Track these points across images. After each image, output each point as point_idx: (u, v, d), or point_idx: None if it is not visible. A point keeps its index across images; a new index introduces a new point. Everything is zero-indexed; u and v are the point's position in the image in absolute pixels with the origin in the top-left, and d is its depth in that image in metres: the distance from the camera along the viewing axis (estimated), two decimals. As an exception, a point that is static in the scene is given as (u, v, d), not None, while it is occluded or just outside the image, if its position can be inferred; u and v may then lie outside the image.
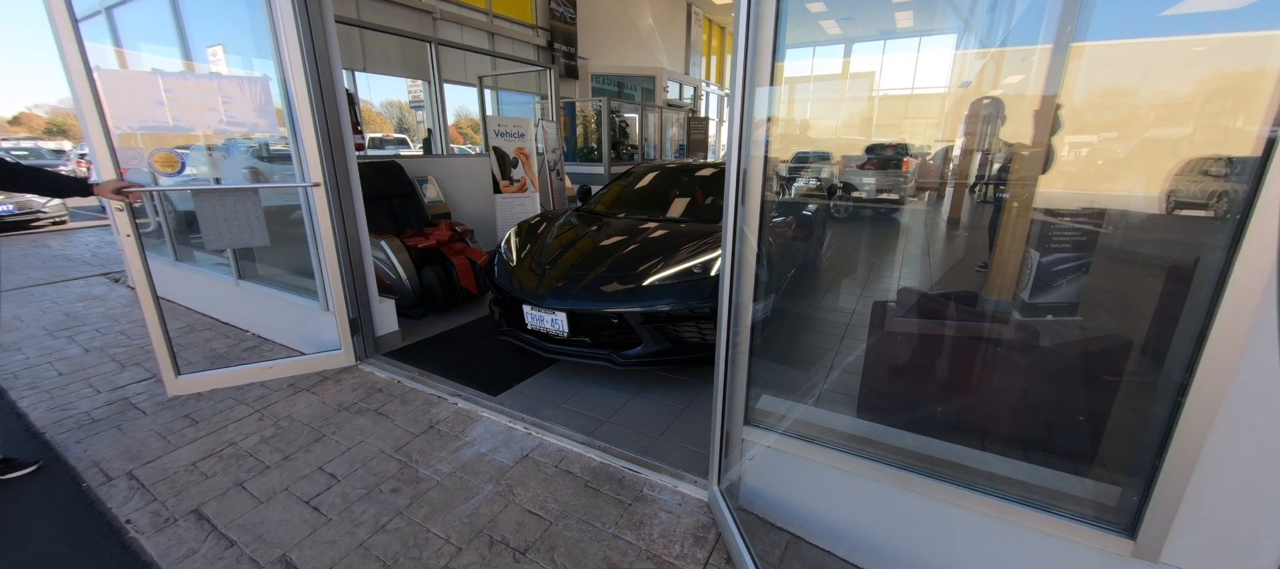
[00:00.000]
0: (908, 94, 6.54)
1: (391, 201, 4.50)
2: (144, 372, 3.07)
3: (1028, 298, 2.10)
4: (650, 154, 10.91)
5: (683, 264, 2.70)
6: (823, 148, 7.97)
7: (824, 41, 9.49)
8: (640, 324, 2.57)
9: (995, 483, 1.51)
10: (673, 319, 2.58)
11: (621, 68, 12.32)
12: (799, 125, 7.04)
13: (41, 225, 8.41)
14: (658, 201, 3.80)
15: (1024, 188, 2.39)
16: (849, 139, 7.41)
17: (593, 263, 2.85)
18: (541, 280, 2.81)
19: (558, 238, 3.29)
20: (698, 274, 2.65)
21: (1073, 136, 2.36)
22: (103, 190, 2.20)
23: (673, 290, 2.58)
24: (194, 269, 4.10)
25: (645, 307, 2.54)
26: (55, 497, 2.07)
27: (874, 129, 7.51)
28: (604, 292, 2.64)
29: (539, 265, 2.97)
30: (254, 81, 2.57)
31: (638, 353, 2.61)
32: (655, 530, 1.82)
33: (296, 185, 2.73)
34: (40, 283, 5.05)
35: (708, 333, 2.61)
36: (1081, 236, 2.05)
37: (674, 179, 4.08)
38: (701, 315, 2.60)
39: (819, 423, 1.84)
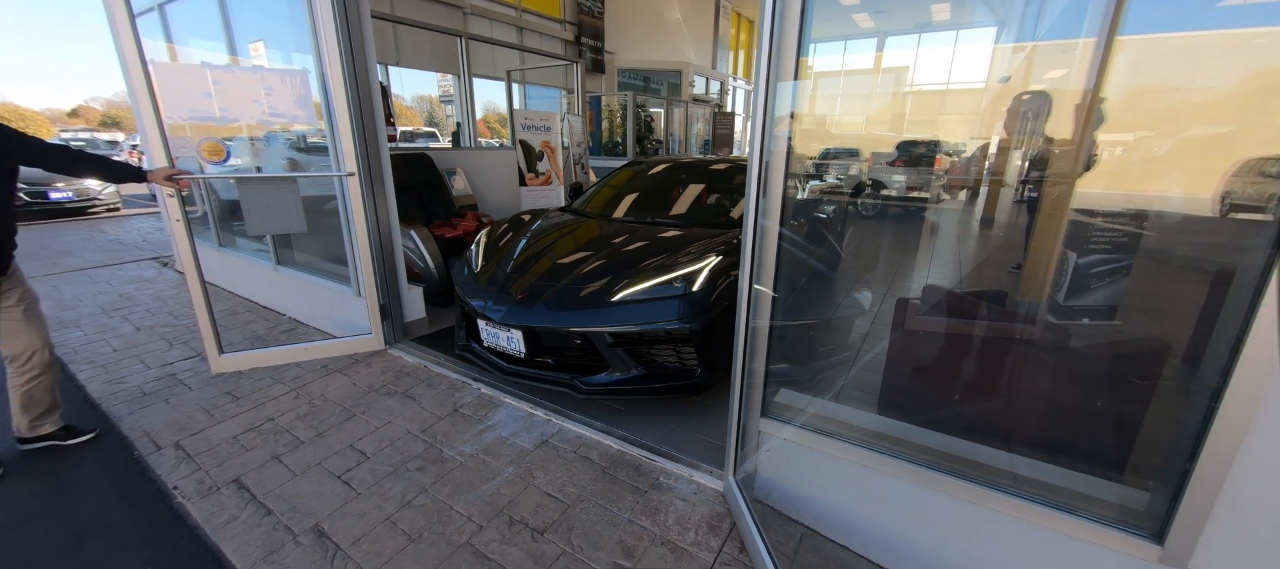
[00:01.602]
0: (942, 89, 6.36)
1: (421, 192, 4.62)
2: (190, 350, 3.25)
3: (1063, 300, 2.05)
4: (675, 149, 10.88)
5: (662, 276, 2.35)
6: (852, 144, 7.83)
7: (856, 35, 9.28)
8: (607, 347, 2.26)
9: (1017, 483, 1.49)
10: (646, 341, 2.25)
11: (648, 62, 12.31)
12: (827, 121, 6.93)
13: (97, 211, 8.90)
14: (654, 202, 3.51)
15: (1061, 186, 2.32)
16: (879, 135, 7.26)
17: (561, 273, 2.52)
18: (499, 292, 2.50)
19: (529, 244, 2.93)
20: (679, 288, 2.29)
21: (1115, 134, 2.27)
22: (155, 177, 2.34)
23: (648, 307, 2.25)
24: (236, 254, 4.30)
25: (613, 326, 2.24)
26: (110, 463, 2.22)
27: (906, 125, 7.35)
28: (567, 307, 2.34)
29: (500, 275, 2.65)
30: (294, 74, 2.68)
31: (604, 380, 2.30)
32: (670, 518, 1.85)
33: (332, 175, 2.84)
34: (97, 265, 5.37)
35: (688, 358, 2.27)
36: (1122, 238, 1.98)
37: (676, 177, 3.76)
38: (679, 337, 2.22)
39: (836, 417, 1.83)
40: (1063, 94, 2.61)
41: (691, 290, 2.26)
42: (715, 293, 2.29)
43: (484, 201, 5.75)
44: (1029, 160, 2.81)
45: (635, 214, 3.36)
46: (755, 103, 1.58)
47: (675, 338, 2.23)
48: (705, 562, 1.67)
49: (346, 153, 2.73)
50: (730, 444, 1.87)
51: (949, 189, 6.04)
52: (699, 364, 2.26)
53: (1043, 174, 2.67)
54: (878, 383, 2.04)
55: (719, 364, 2.29)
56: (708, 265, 2.37)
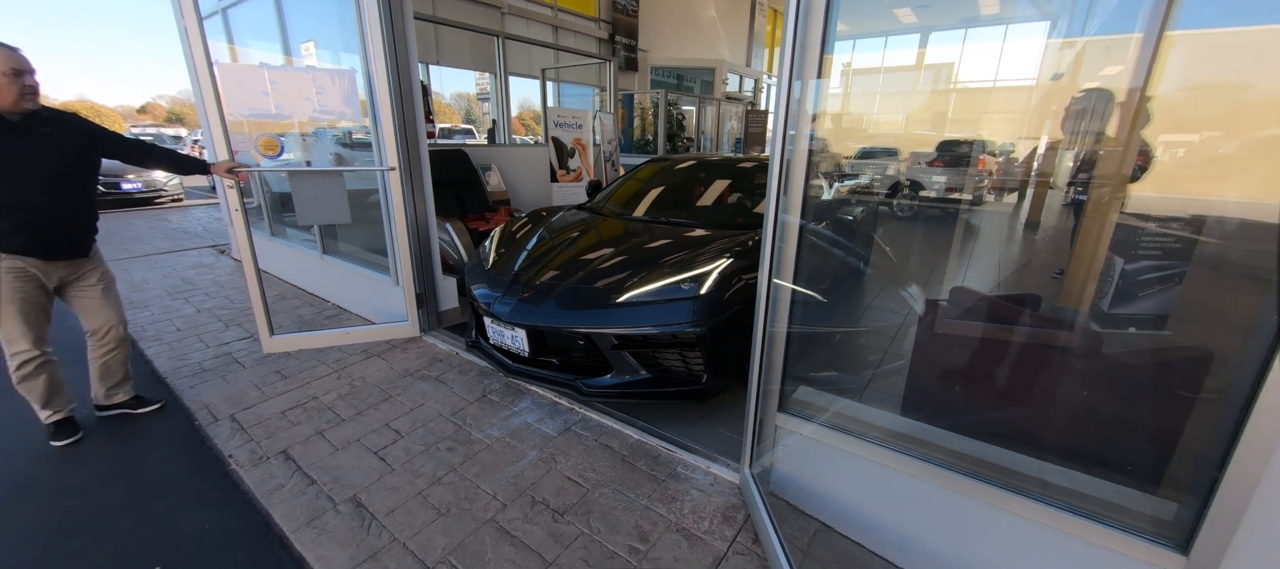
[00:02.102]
0: (989, 87, 6.13)
1: (457, 187, 4.79)
2: (243, 331, 3.49)
3: (1107, 307, 1.98)
4: (706, 147, 10.85)
5: (670, 278, 2.29)
6: (890, 143, 7.64)
7: (897, 31, 9.02)
8: (611, 349, 2.21)
9: (1038, 487, 1.47)
10: (651, 344, 2.20)
11: (681, 60, 12.30)
12: (864, 120, 6.78)
13: (163, 202, 9.55)
14: (671, 201, 3.46)
15: (1107, 188, 2.24)
16: (919, 134, 7.07)
17: (568, 272, 2.48)
18: (506, 290, 2.50)
19: (540, 242, 2.91)
20: (688, 290, 2.22)
21: (1173, 135, 2.18)
22: (218, 169, 2.53)
23: (654, 309, 2.20)
24: (285, 243, 4.57)
25: (617, 328, 2.19)
26: (174, 431, 2.42)
27: (948, 124, 7.12)
28: (572, 306, 2.31)
29: (508, 272, 2.63)
30: (343, 74, 2.85)
31: (607, 382, 2.26)
32: (686, 506, 1.90)
33: (376, 169, 3.00)
34: (162, 251, 5.79)
35: (694, 363, 2.21)
36: (1175, 243, 1.91)
37: (695, 175, 3.71)
38: (685, 342, 2.16)
39: (856, 416, 1.84)
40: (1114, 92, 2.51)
41: (700, 293, 2.20)
42: (726, 296, 2.23)
43: (517, 197, 5.91)
44: (1079, 161, 2.70)
45: (650, 213, 3.31)
46: (777, 100, 1.61)
47: (681, 342, 2.16)
48: (718, 550, 1.71)
49: (388, 148, 2.88)
50: (747, 438, 1.90)
51: (992, 191, 5.83)
52: (706, 370, 2.21)
53: (1090, 175, 2.57)
54: (900, 383, 2.03)
55: (728, 370, 2.26)
56: (718, 267, 2.30)
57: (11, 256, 2.03)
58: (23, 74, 1.91)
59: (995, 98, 5.82)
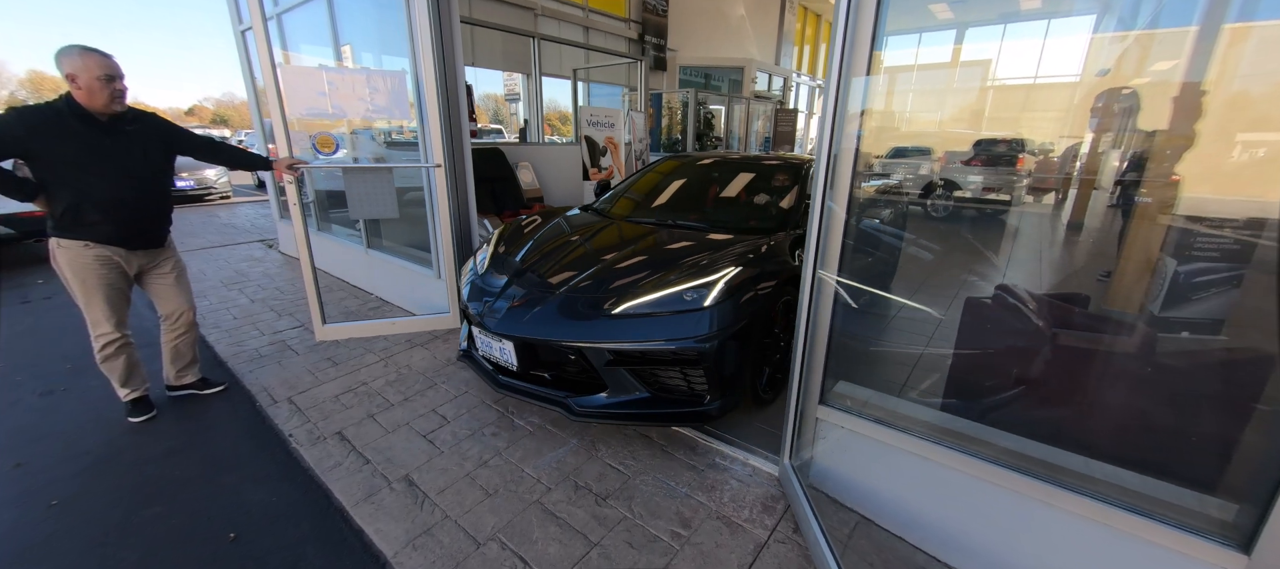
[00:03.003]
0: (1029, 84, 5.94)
1: (493, 185, 4.92)
2: (295, 320, 3.66)
3: (1158, 311, 1.94)
4: (734, 146, 10.82)
5: (673, 287, 2.07)
6: (924, 143, 7.48)
7: (932, 27, 8.81)
8: (604, 365, 2.01)
9: (1090, 485, 1.46)
10: (649, 361, 2.00)
11: (710, 59, 12.27)
12: (897, 119, 6.65)
13: (213, 199, 10.03)
14: (681, 202, 3.28)
15: (1159, 188, 2.18)
16: (955, 133, 6.90)
17: (563, 280, 2.30)
18: (496, 298, 2.31)
19: (536, 246, 2.69)
20: (691, 301, 2.00)
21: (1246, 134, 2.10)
22: (280, 165, 2.68)
23: (653, 322, 2.00)
24: (332, 238, 4.77)
25: (612, 342, 1.99)
26: (238, 411, 2.57)
27: (985, 122, 6.93)
28: (563, 318, 2.10)
29: (500, 279, 2.45)
30: (394, 75, 2.97)
31: (601, 402, 2.06)
32: (725, 495, 1.93)
33: (423, 166, 3.12)
34: (216, 245, 6.10)
35: (697, 382, 2.02)
36: (1234, 245, 1.85)
37: (710, 175, 3.50)
38: (687, 359, 1.95)
39: (897, 410, 1.84)
40: (1166, 88, 2.43)
41: (705, 305, 1.99)
42: (734, 308, 2.04)
43: (549, 195, 6.02)
44: (1126, 160, 2.63)
45: (657, 215, 3.09)
46: (826, 98, 1.63)
47: (682, 359, 1.97)
48: (759, 538, 1.74)
49: (435, 146, 2.99)
50: (788, 428, 1.92)
51: (1033, 191, 5.66)
52: (710, 391, 2.03)
53: (1140, 175, 2.50)
54: (941, 380, 2.02)
55: (736, 389, 2.10)
56: (725, 277, 2.09)
57: (99, 246, 2.19)
58: (114, 79, 2.07)
59: (1035, 95, 5.63)
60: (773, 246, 2.44)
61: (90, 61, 2.01)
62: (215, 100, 63.48)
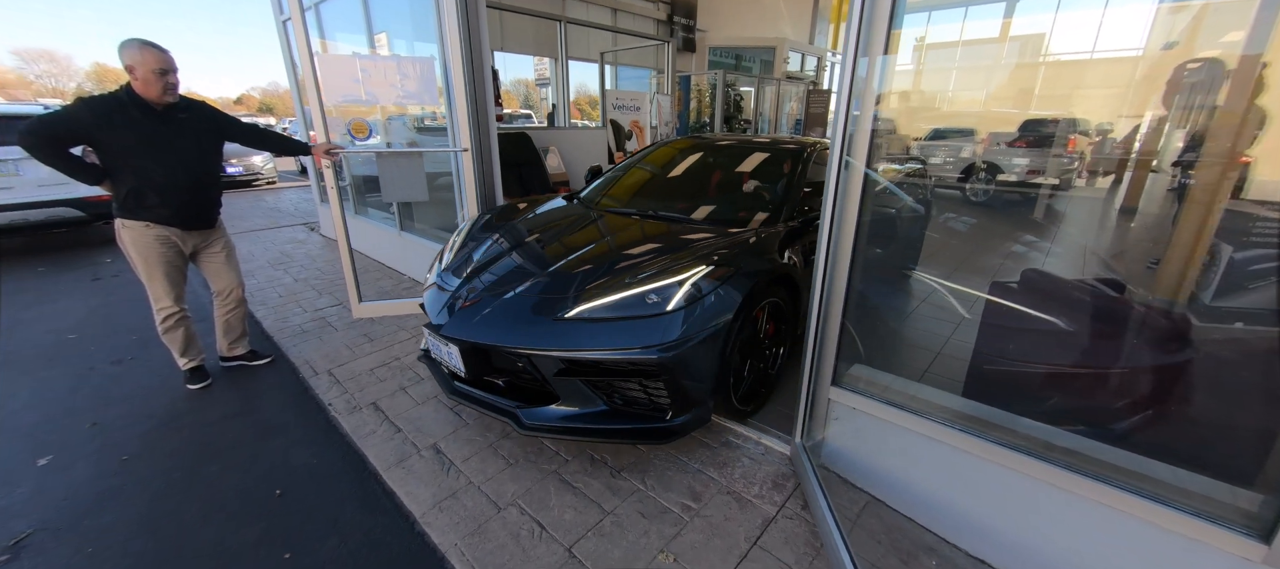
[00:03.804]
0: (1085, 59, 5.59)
1: (520, 169, 5.02)
2: (333, 299, 3.87)
3: (1209, 300, 1.86)
4: (764, 129, 10.62)
5: (634, 289, 1.87)
6: (967, 124, 7.17)
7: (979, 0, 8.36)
8: (555, 375, 1.83)
9: (1109, 472, 1.43)
10: (603, 371, 1.81)
11: (741, 39, 12.01)
12: (938, 98, 6.38)
13: (260, 184, 10.54)
14: (672, 190, 3.03)
15: (1215, 169, 2.07)
16: (1000, 113, 6.58)
17: (520, 278, 2.10)
18: (448, 297, 2.13)
19: (499, 240, 2.51)
20: (653, 304, 1.81)
21: None
22: (318, 151, 2.83)
23: (610, 327, 1.79)
24: (368, 221, 4.97)
25: (563, 349, 1.78)
26: (283, 382, 2.76)
27: (1035, 101, 6.58)
28: (513, 321, 1.90)
29: (455, 277, 2.27)
30: (422, 61, 3.07)
31: (552, 415, 1.88)
32: (737, 472, 1.98)
33: (451, 150, 3.22)
34: (262, 228, 6.44)
35: (657, 395, 1.83)
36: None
37: (708, 161, 3.23)
38: (644, 370, 1.76)
39: (910, 392, 1.84)
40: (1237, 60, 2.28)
41: (666, 310, 1.80)
42: (701, 312, 1.83)
43: (576, 179, 6.09)
44: (1187, 141, 2.48)
45: (639, 206, 2.84)
46: (840, 79, 1.61)
47: (639, 370, 1.77)
48: (768, 513, 1.78)
49: (463, 130, 3.09)
50: (800, 409, 1.94)
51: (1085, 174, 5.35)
52: (671, 404, 1.83)
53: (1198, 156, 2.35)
54: (955, 363, 2.00)
55: (700, 402, 1.90)
56: (691, 277, 1.88)
57: (158, 226, 2.38)
58: (167, 73, 2.22)
59: (1092, 71, 5.29)
60: (759, 241, 2.25)
61: (147, 56, 2.16)
62: (261, 89, 66.20)
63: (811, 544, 1.66)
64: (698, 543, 1.67)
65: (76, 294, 4.14)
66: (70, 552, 1.69)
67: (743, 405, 2.21)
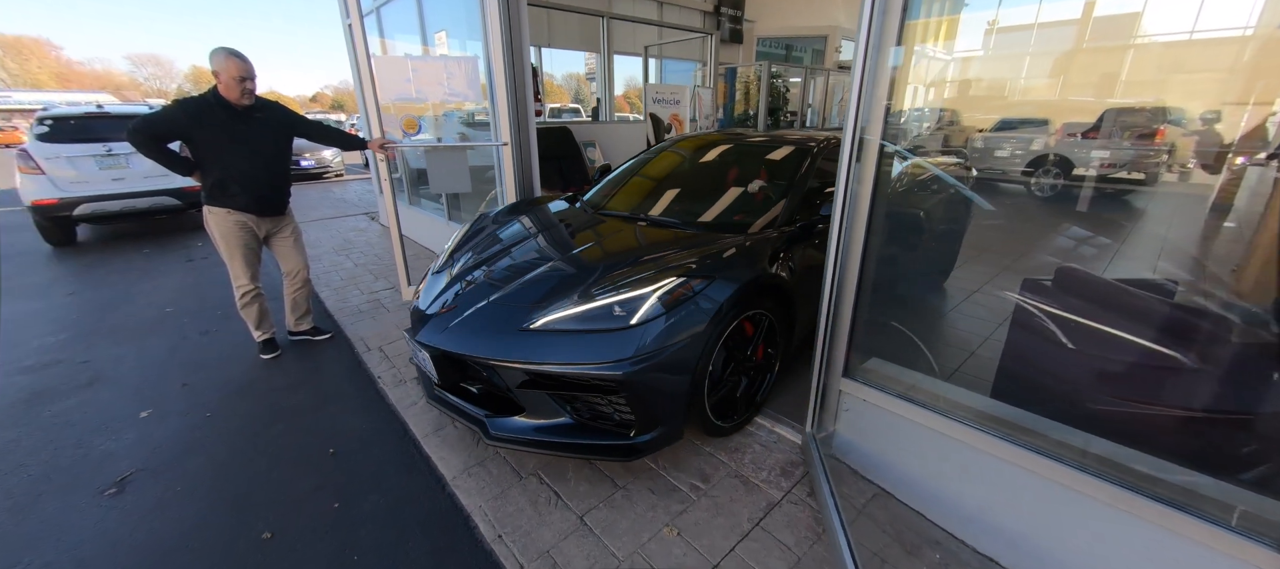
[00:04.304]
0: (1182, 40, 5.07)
1: (561, 163, 5.19)
2: (388, 283, 4.18)
3: None
4: (812, 121, 10.35)
5: (600, 300, 1.81)
6: (1039, 114, 6.72)
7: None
8: (518, 386, 1.79)
9: (1121, 474, 1.39)
10: (565, 385, 1.75)
11: (790, 28, 11.72)
12: (1008, 86, 6.01)
13: (328, 177, 11.37)
14: (669, 193, 2.86)
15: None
16: (1077, 101, 6.12)
17: (498, 284, 2.06)
18: (430, 302, 2.14)
19: (486, 243, 2.50)
20: (618, 317, 1.75)
21: None
22: (373, 145, 3.09)
23: (573, 340, 1.74)
24: (420, 211, 5.31)
25: (526, 361, 1.73)
26: (341, 356, 3.05)
27: (1120, 88, 6.06)
28: (481, 330, 1.87)
29: (441, 280, 2.30)
30: (467, 60, 3.27)
31: (517, 427, 1.85)
32: (747, 458, 2.04)
33: (492, 144, 3.42)
34: (328, 217, 6.98)
35: (621, 412, 1.76)
36: None
37: (712, 160, 3.06)
38: (605, 385, 1.69)
39: (928, 389, 1.83)
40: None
41: (630, 323, 1.73)
42: (668, 326, 1.74)
43: (615, 172, 6.21)
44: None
45: (635, 209, 2.71)
46: (854, 68, 1.63)
47: (600, 385, 1.70)
48: (773, 498, 1.84)
49: (503, 125, 3.27)
50: (811, 399, 1.98)
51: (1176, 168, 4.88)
52: (635, 422, 1.76)
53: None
54: (967, 358, 1.96)
55: (668, 420, 1.81)
56: (658, 290, 1.79)
57: (238, 213, 2.69)
58: (246, 80, 2.51)
59: (1190, 54, 4.82)
60: (744, 249, 2.09)
61: (231, 64, 2.45)
62: (334, 87, 70.80)
63: (813, 529, 1.71)
64: (702, 520, 1.75)
65: (173, 273, 4.69)
66: (162, 489, 1.99)
67: (721, 421, 2.07)
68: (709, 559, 1.61)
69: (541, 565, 1.61)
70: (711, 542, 1.67)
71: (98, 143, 5.34)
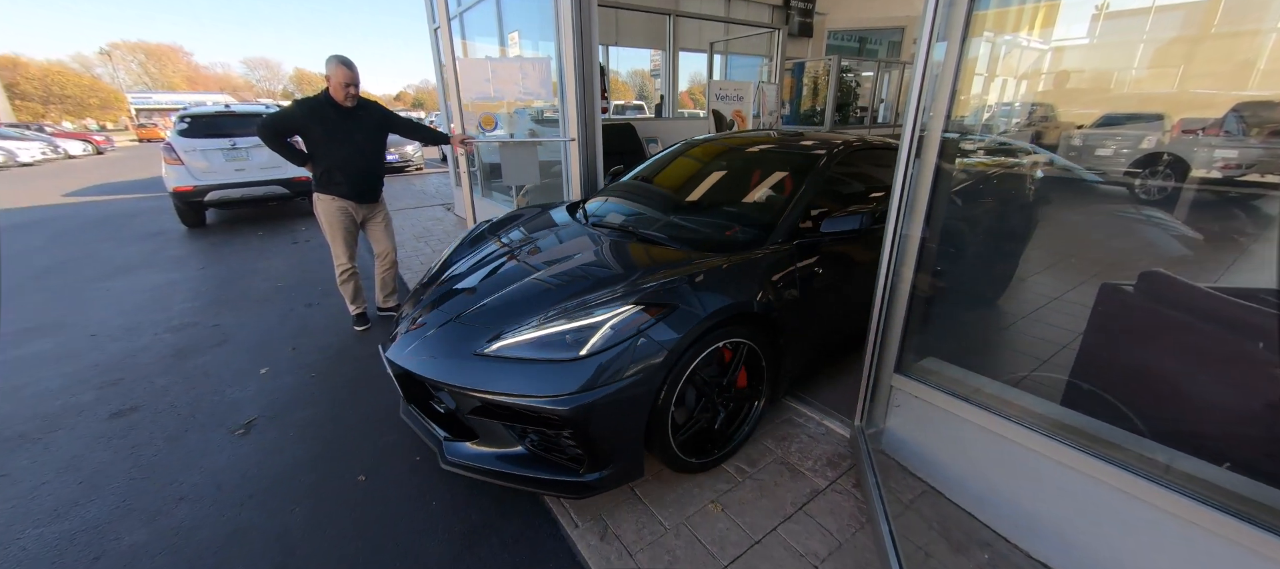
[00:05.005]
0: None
1: (623, 158, 5.34)
2: (462, 268, 4.53)
3: None
4: (884, 117, 9.92)
5: (556, 326, 1.69)
6: (1152, 108, 6.10)
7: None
8: (469, 412, 1.71)
9: (1211, 492, 1.33)
10: (515, 415, 1.63)
11: (865, 20, 11.27)
12: (1116, 77, 5.50)
13: (408, 171, 12.27)
14: (666, 203, 2.71)
15: None
16: (1201, 94, 5.50)
17: (469, 301, 1.97)
18: (407, 316, 2.09)
19: (475, 253, 2.43)
20: (570, 345, 1.63)
21: None
22: (454, 140, 3.38)
23: (524, 368, 1.63)
24: (491, 202, 5.67)
25: (478, 387, 1.64)
26: (420, 330, 3.37)
27: (1255, 77, 5.38)
28: (438, 351, 1.79)
29: (419, 295, 2.24)
30: (540, 61, 3.48)
31: (468, 454, 1.76)
32: (793, 446, 2.08)
33: (560, 140, 3.62)
34: (409, 207, 7.57)
35: (570, 446, 1.63)
36: None
37: (715, 168, 2.86)
38: (551, 419, 1.57)
39: (989, 391, 1.80)
40: None
41: (579, 355, 1.60)
42: (615, 359, 1.59)
43: (676, 168, 6.29)
44: None
45: (629, 220, 2.55)
46: (917, 59, 1.63)
47: (546, 418, 1.58)
48: (817, 486, 1.88)
49: (571, 121, 3.46)
50: (862, 392, 1.99)
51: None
52: (586, 460, 1.65)
53: None
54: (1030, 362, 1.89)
55: (620, 458, 1.68)
56: (612, 319, 1.66)
57: (340, 199, 3.04)
58: (350, 85, 2.84)
59: None
60: (724, 272, 1.90)
61: (340, 71, 2.79)
62: (415, 87, 75.70)
63: (856, 518, 1.74)
64: (746, 499, 1.83)
65: (281, 253, 5.31)
66: (278, 432, 2.33)
67: (690, 459, 1.89)
68: (751, 535, 1.69)
69: (594, 526, 1.75)
70: (754, 519, 1.74)
71: (225, 138, 6.13)
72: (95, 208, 8.27)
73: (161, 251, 5.45)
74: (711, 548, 1.65)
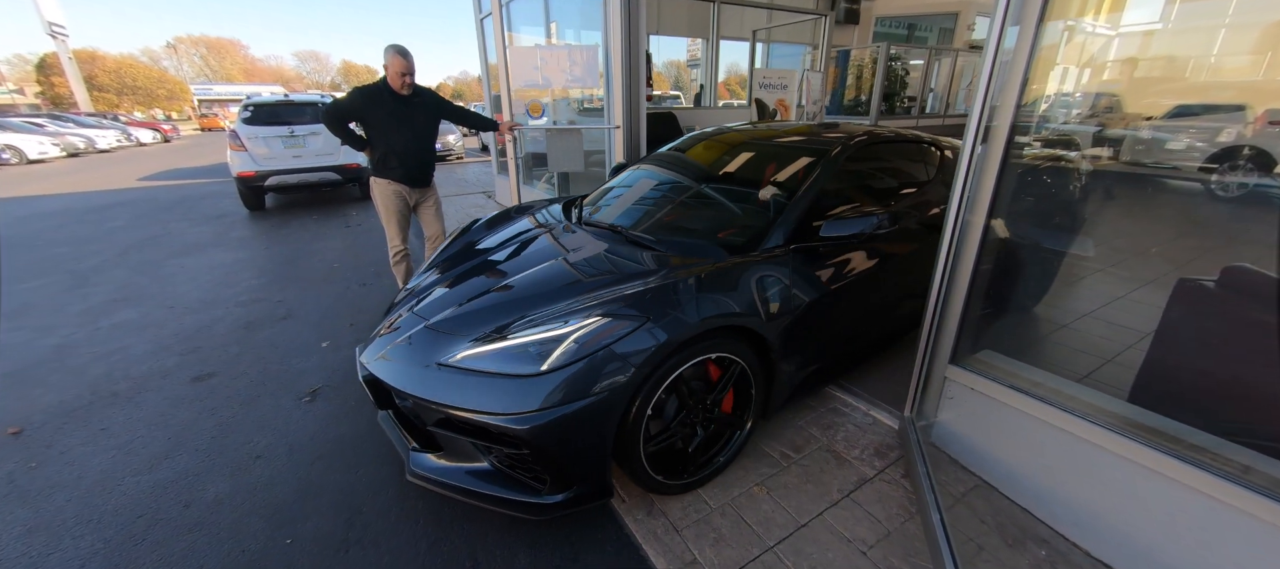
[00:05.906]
0: None
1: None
2: (505, 253, 4.65)
3: None
4: (933, 108, 9.55)
5: (520, 337, 1.58)
6: (1233, 98, 5.68)
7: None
8: (432, 425, 1.62)
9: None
10: (476, 431, 1.53)
11: (915, 6, 10.86)
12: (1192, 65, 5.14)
13: (450, 159, 12.60)
14: (663, 202, 2.57)
15: None
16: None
17: (443, 307, 1.87)
18: (385, 320, 2.01)
19: (463, 254, 2.35)
20: (533, 358, 1.51)
21: None
22: (503, 126, 3.46)
23: (484, 382, 1.53)
24: (532, 188, 5.77)
25: (441, 400, 1.55)
26: (468, 311, 3.49)
27: None
28: (406, 358, 1.71)
29: (403, 298, 2.16)
30: (588, 49, 3.52)
31: (431, 467, 1.68)
32: (839, 435, 2.07)
33: (605, 127, 3.66)
34: (451, 194, 7.79)
35: (529, 465, 1.56)
36: None
37: (716, 162, 2.70)
38: (508, 437, 1.47)
39: (1052, 386, 1.74)
40: None
41: (540, 370, 1.49)
42: (577, 375, 1.48)
43: (716, 157, 6.25)
44: None
45: (623, 220, 2.42)
46: (986, 48, 1.58)
47: (504, 437, 1.49)
48: (865, 474, 1.87)
49: (616, 110, 3.49)
50: (913, 383, 1.96)
51: None
52: (548, 482, 1.56)
53: None
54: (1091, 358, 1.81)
55: (584, 480, 1.57)
56: (577, 332, 1.54)
57: (396, 183, 3.17)
58: (406, 75, 2.95)
59: None
60: (702, 280, 1.74)
61: (397, 61, 2.91)
62: (455, 78, 77.40)
63: (905, 508, 1.72)
64: (791, 485, 1.84)
65: (336, 235, 5.57)
66: (340, 402, 2.47)
67: (666, 481, 1.75)
68: (796, 519, 1.70)
69: (641, 502, 1.79)
70: (799, 504, 1.75)
71: (283, 126, 6.45)
72: (167, 192, 8.86)
73: (228, 232, 5.80)
74: (757, 529, 1.67)
